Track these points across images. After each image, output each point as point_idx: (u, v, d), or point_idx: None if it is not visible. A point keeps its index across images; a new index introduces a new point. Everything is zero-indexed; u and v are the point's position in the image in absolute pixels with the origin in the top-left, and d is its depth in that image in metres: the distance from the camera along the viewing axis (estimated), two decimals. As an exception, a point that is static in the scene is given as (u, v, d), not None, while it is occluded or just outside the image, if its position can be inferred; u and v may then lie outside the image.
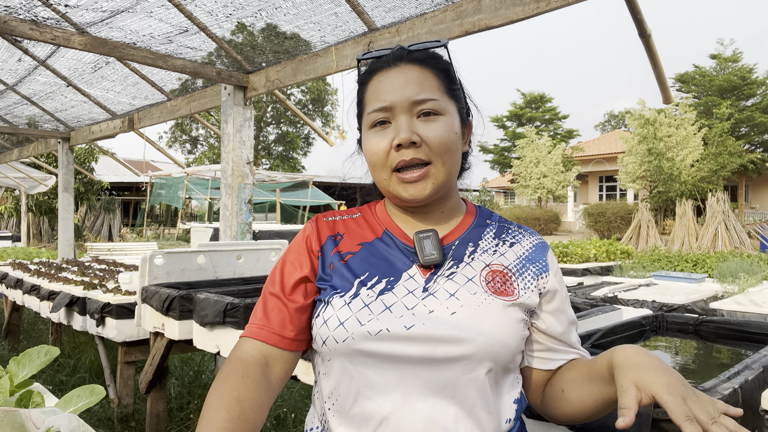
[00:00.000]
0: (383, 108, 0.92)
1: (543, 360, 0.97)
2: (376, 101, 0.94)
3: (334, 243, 0.98)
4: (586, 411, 0.89)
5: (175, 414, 3.41)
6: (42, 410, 0.89)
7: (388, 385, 0.86)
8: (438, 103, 0.92)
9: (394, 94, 0.92)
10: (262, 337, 0.92)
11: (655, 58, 2.55)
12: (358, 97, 1.01)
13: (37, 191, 12.21)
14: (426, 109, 0.92)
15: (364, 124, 0.98)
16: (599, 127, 47.64)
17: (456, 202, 1.02)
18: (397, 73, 0.94)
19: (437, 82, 0.95)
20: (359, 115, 1.01)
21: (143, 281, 2.89)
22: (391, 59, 0.96)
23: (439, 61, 0.98)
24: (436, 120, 0.92)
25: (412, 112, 0.92)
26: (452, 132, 0.93)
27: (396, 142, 0.90)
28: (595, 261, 5.74)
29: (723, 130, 19.11)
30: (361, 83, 1.00)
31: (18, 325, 5.32)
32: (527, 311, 0.93)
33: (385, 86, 0.94)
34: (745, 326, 1.68)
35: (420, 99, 0.91)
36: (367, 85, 0.98)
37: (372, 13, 3.26)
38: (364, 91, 0.98)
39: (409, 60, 0.95)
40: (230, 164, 4.19)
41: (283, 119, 32.03)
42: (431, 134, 0.90)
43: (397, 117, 0.92)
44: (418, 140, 0.90)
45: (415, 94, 0.91)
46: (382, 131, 0.93)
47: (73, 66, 5.09)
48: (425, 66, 0.95)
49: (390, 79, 0.94)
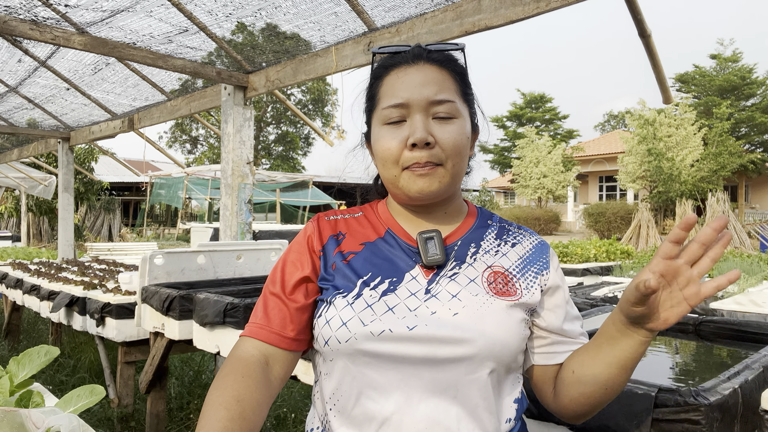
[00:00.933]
0: (400, 105, 0.91)
1: (548, 355, 0.96)
2: (393, 97, 0.92)
3: (336, 242, 0.98)
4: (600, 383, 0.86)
5: (175, 414, 3.41)
6: (42, 410, 0.89)
7: (391, 385, 0.86)
8: (454, 105, 0.92)
9: (412, 91, 0.91)
10: (263, 336, 0.92)
11: (655, 58, 2.55)
12: (371, 90, 0.99)
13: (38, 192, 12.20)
14: (442, 110, 0.91)
15: (375, 119, 0.96)
16: (599, 127, 47.64)
17: (459, 203, 1.02)
18: (416, 71, 0.93)
19: (455, 84, 0.94)
20: (370, 109, 0.99)
21: (143, 281, 2.89)
22: (410, 57, 0.94)
23: (456, 65, 0.97)
24: (451, 123, 0.91)
25: (428, 113, 0.91)
26: (464, 136, 0.93)
27: (411, 141, 0.89)
28: (595, 261, 5.73)
29: (723, 130, 19.12)
30: (375, 77, 0.98)
31: (18, 325, 5.32)
32: (528, 310, 0.93)
33: (403, 83, 0.92)
34: (745, 326, 1.68)
35: (438, 99, 0.91)
36: (383, 80, 0.96)
37: (372, 13, 3.26)
38: (379, 86, 0.96)
39: (428, 59, 0.94)
40: (230, 164, 4.19)
41: (283, 119, 32.03)
42: (446, 136, 0.90)
43: (413, 115, 0.91)
44: (433, 141, 0.89)
45: (433, 94, 0.91)
46: (396, 129, 0.92)
47: (74, 68, 5.09)
48: (444, 67, 0.94)
49: (409, 77, 0.92)
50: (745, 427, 1.08)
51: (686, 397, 1.00)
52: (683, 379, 1.48)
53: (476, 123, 1.01)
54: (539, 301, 0.94)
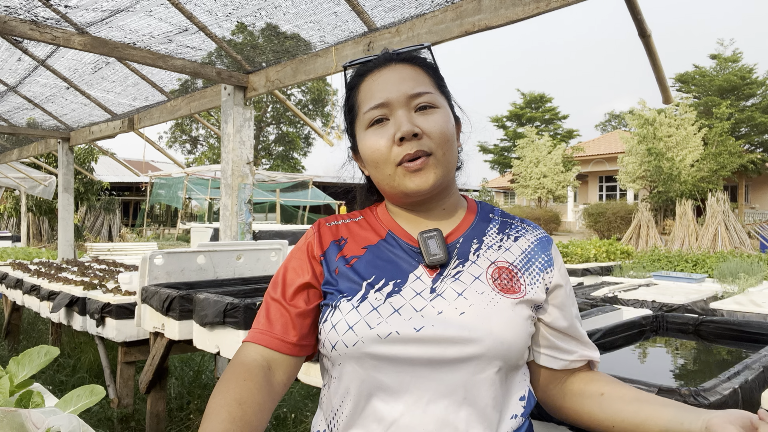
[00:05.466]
0: (380, 105, 0.93)
1: (548, 357, 0.96)
2: (372, 99, 0.94)
3: (338, 248, 0.98)
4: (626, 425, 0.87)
5: (175, 414, 3.41)
6: (42, 410, 0.89)
7: (399, 387, 0.86)
8: (433, 96, 0.94)
9: (389, 90, 0.93)
10: (265, 341, 0.92)
11: (655, 58, 2.55)
12: (349, 102, 1.01)
13: (38, 192, 12.20)
14: (423, 102, 0.93)
15: (359, 125, 0.97)
16: (599, 127, 47.62)
17: (456, 198, 1.02)
18: (390, 71, 0.95)
19: (429, 78, 0.97)
20: (352, 120, 1.00)
21: (143, 281, 2.89)
22: (381, 61, 0.97)
23: (427, 61, 1.00)
24: (433, 112, 0.93)
25: (410, 106, 0.93)
26: (449, 124, 0.95)
27: (398, 135, 0.90)
28: (595, 261, 5.74)
29: (723, 130, 19.12)
30: (350, 87, 1.01)
31: (18, 325, 5.32)
32: (534, 307, 0.93)
33: (379, 84, 0.94)
34: (745, 326, 1.68)
35: (416, 92, 0.93)
36: (359, 87, 0.98)
37: (372, 13, 3.26)
38: (356, 94, 0.99)
39: (399, 60, 0.97)
40: (230, 164, 4.19)
41: (283, 119, 32.03)
42: (431, 125, 0.91)
43: (395, 112, 0.92)
44: (420, 131, 0.91)
45: (410, 88, 0.93)
46: (380, 128, 0.93)
47: (73, 67, 5.09)
48: (416, 64, 0.97)
49: (383, 77, 0.95)
50: (745, 427, 1.08)
51: (686, 397, 1.00)
52: (683, 379, 1.48)
53: (457, 116, 1.03)
54: (544, 299, 0.95)
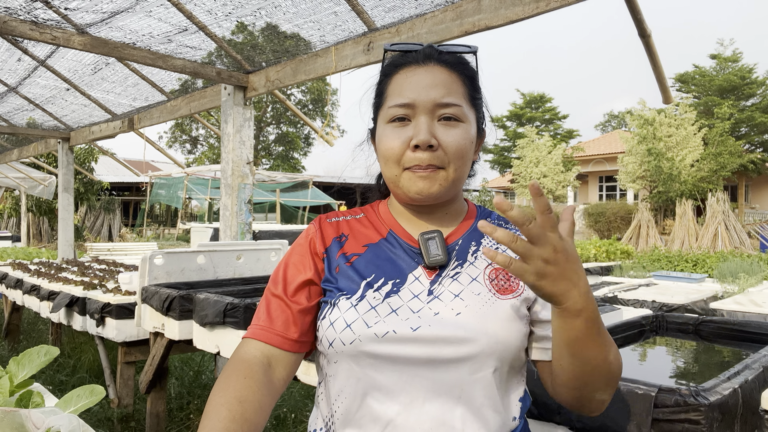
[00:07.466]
0: (405, 104, 0.91)
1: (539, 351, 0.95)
2: (399, 96, 0.92)
3: (340, 245, 0.98)
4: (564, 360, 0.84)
5: (175, 414, 3.41)
6: (42, 410, 0.89)
7: (395, 386, 0.86)
8: (461, 109, 0.92)
9: (419, 92, 0.91)
10: (265, 338, 0.92)
11: (655, 58, 2.55)
12: (380, 87, 0.99)
13: (38, 192, 12.20)
14: (448, 113, 0.91)
15: (381, 117, 0.96)
16: (599, 127, 47.59)
17: (460, 204, 1.03)
18: (425, 72, 0.93)
19: (463, 88, 0.94)
20: (378, 106, 0.99)
21: (143, 281, 2.89)
22: (421, 57, 0.94)
23: (467, 68, 0.97)
24: (456, 126, 0.91)
25: (434, 115, 0.91)
26: (469, 140, 0.93)
27: (414, 142, 0.89)
28: (595, 261, 5.74)
29: (723, 130, 19.11)
30: (384, 74, 0.98)
31: (18, 325, 5.32)
32: (528, 305, 0.93)
33: (411, 83, 0.92)
34: (745, 326, 1.68)
35: (444, 102, 0.91)
36: (392, 78, 0.96)
37: (372, 13, 3.26)
38: (388, 83, 0.96)
39: (439, 61, 0.94)
40: (230, 164, 4.19)
41: (283, 119, 32.01)
42: (450, 140, 0.90)
43: (418, 116, 0.91)
44: (436, 144, 0.89)
45: (440, 96, 0.91)
46: (400, 128, 0.92)
47: (73, 68, 5.09)
48: (454, 70, 0.94)
49: (417, 77, 0.92)
50: (745, 427, 1.08)
51: (686, 397, 1.00)
52: (683, 379, 1.48)
53: (483, 127, 1.01)
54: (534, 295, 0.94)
